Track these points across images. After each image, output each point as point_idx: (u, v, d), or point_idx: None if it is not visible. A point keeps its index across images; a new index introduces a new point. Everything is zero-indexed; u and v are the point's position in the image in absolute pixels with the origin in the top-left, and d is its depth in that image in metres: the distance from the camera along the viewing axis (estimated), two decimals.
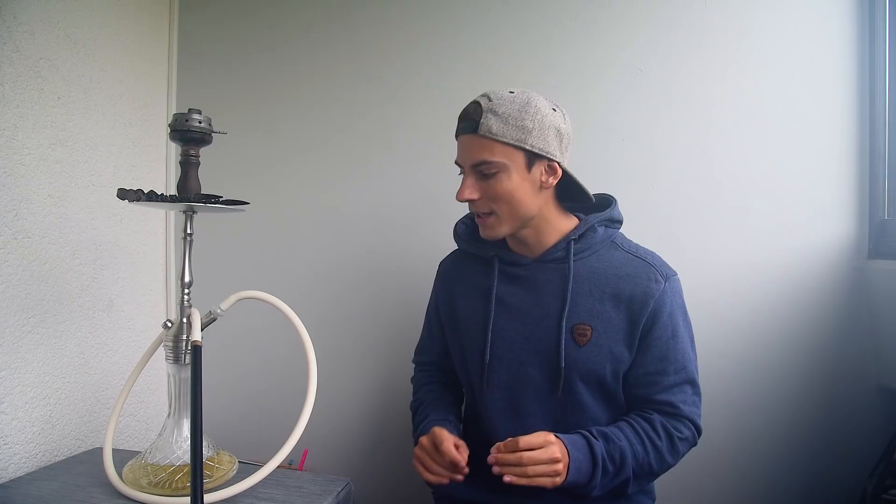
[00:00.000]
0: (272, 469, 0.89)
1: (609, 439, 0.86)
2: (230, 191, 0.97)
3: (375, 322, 1.37)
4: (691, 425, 0.91)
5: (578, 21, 1.26)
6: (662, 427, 0.88)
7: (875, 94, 1.14)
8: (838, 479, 1.15)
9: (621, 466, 0.85)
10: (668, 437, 0.88)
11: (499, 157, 0.85)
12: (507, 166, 0.86)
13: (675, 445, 0.88)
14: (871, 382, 1.14)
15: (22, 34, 1.04)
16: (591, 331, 0.89)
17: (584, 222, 0.93)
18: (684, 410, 0.90)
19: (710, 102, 1.20)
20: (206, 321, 0.91)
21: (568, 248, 0.92)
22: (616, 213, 0.96)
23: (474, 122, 0.85)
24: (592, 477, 0.83)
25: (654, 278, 0.89)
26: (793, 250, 1.17)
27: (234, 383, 1.45)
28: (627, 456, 0.85)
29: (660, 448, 0.87)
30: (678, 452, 0.89)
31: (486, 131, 0.84)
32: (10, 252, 1.02)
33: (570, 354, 0.90)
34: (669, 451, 0.88)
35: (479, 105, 0.86)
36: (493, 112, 0.84)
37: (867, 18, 1.14)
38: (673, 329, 0.90)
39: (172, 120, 0.88)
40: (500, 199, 0.87)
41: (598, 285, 0.90)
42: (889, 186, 1.13)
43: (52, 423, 1.09)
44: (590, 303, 0.90)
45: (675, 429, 0.89)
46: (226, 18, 1.45)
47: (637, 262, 0.91)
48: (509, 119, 0.84)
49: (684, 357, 0.91)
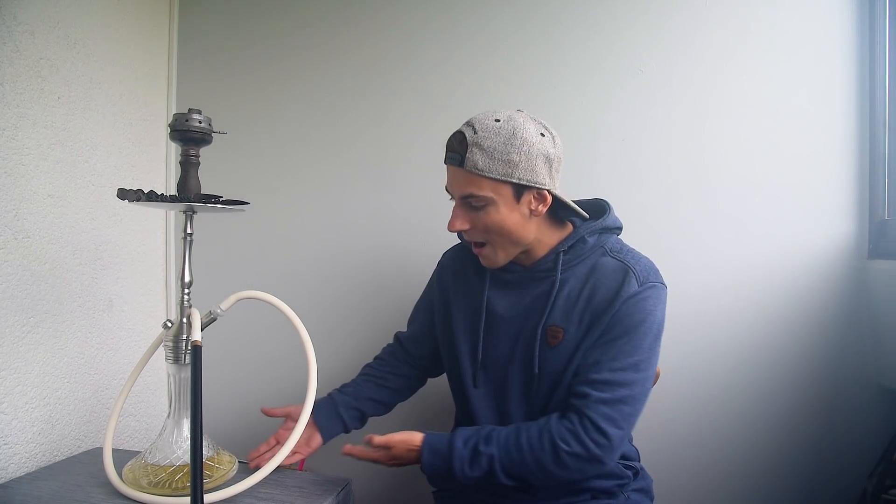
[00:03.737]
0: (272, 469, 0.89)
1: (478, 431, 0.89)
2: (230, 191, 0.97)
3: (375, 322, 1.37)
4: (594, 430, 0.82)
5: (578, 20, 1.26)
6: (547, 434, 0.84)
7: (875, 94, 1.14)
8: (838, 479, 1.15)
9: (486, 440, 0.86)
10: (552, 445, 0.83)
11: (486, 191, 0.84)
12: (494, 200, 0.85)
13: (559, 455, 0.82)
14: (871, 382, 1.14)
15: (22, 34, 1.04)
16: (562, 333, 0.90)
17: (574, 233, 0.93)
18: (592, 409, 0.82)
19: (710, 102, 1.20)
20: (206, 321, 0.91)
21: (556, 260, 0.92)
22: (610, 220, 0.94)
23: (459, 155, 0.84)
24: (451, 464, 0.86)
25: (628, 281, 0.87)
26: (793, 250, 1.17)
27: (234, 383, 1.45)
28: (492, 440, 0.86)
29: (535, 448, 0.84)
30: (563, 463, 0.82)
31: (471, 167, 0.83)
32: (10, 252, 1.02)
33: (543, 355, 0.91)
34: (553, 459, 0.83)
35: (464, 137, 0.84)
36: (479, 146, 0.83)
37: (867, 18, 1.14)
38: (627, 328, 0.85)
39: (172, 120, 0.88)
40: (490, 230, 0.88)
41: (578, 289, 0.91)
42: (889, 186, 1.13)
43: (52, 423, 1.09)
44: (568, 306, 0.90)
45: (563, 440, 0.82)
46: (226, 18, 1.45)
47: (617, 265, 0.90)
48: (495, 154, 0.82)
49: (627, 360, 0.84)
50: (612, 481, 0.94)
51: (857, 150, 1.15)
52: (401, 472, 1.35)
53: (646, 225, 1.19)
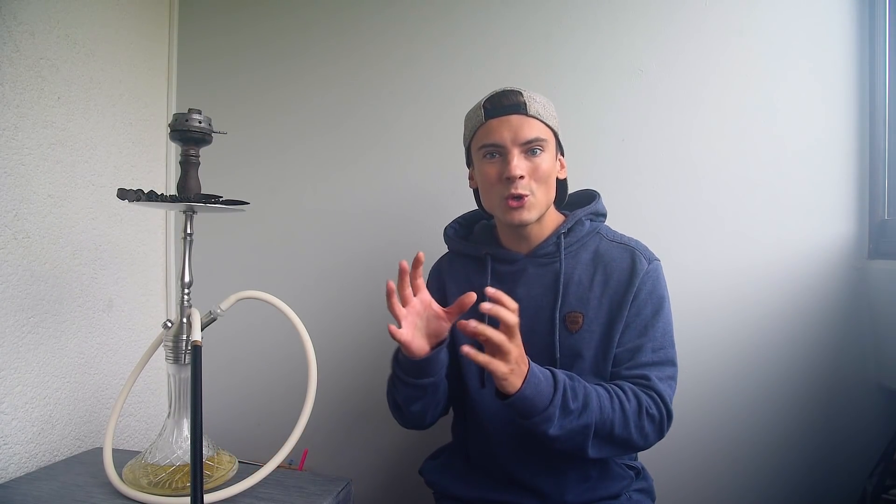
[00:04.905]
0: (272, 469, 0.89)
1: (574, 378, 0.82)
2: (230, 191, 0.97)
3: (375, 321, 1.37)
4: (661, 404, 0.85)
5: (578, 20, 1.26)
6: (633, 393, 0.84)
7: (875, 94, 1.13)
8: (838, 478, 1.15)
9: (584, 408, 0.79)
10: (638, 403, 0.83)
11: (545, 135, 0.92)
12: (550, 145, 0.92)
13: (642, 419, 0.83)
14: (871, 382, 1.14)
15: (22, 34, 1.04)
16: (582, 317, 0.91)
17: (572, 216, 0.96)
18: (657, 385, 0.86)
19: (710, 102, 1.20)
20: (206, 321, 0.91)
21: (558, 243, 0.94)
22: (600, 206, 1.00)
23: (521, 104, 0.90)
24: (551, 403, 0.77)
25: (638, 259, 0.92)
26: (793, 250, 1.17)
27: (234, 383, 1.45)
28: (592, 399, 0.80)
29: (626, 411, 0.82)
30: (643, 430, 0.83)
31: (535, 112, 0.91)
32: (10, 252, 1.02)
33: (564, 342, 0.91)
34: (636, 421, 0.82)
35: (519, 92, 0.91)
36: (534, 98, 0.92)
37: (867, 18, 1.14)
38: (654, 308, 0.91)
39: (172, 120, 0.88)
40: (541, 178, 0.91)
41: (588, 274, 0.93)
42: (889, 186, 1.13)
43: (52, 423, 1.09)
44: (580, 291, 0.92)
45: (646, 401, 0.84)
46: (226, 18, 1.45)
47: (621, 248, 0.95)
48: (546, 106, 0.93)
49: (663, 338, 0.90)
50: (617, 484, 0.94)
51: (857, 150, 1.15)
52: (401, 472, 1.35)
53: (645, 224, 1.18)
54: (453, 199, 1.20)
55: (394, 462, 1.37)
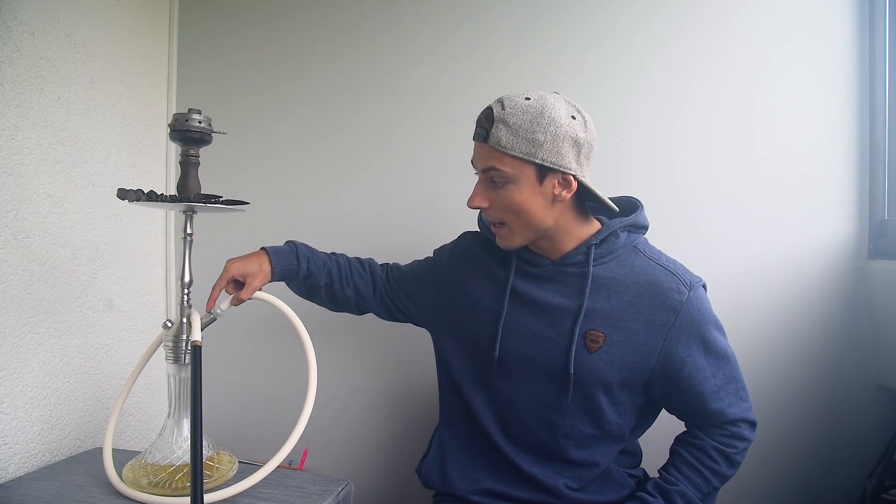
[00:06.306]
0: (272, 469, 0.89)
1: (665, 492, 0.88)
2: (230, 191, 0.97)
3: (375, 321, 1.37)
4: (743, 425, 0.91)
5: (579, 21, 1.26)
6: (715, 450, 0.89)
7: (875, 93, 1.14)
8: (838, 478, 1.15)
9: None
10: (724, 456, 0.89)
11: (508, 168, 0.82)
12: (516, 178, 0.82)
13: (732, 460, 0.90)
14: (871, 382, 1.14)
15: (22, 34, 1.04)
16: (603, 338, 0.87)
17: (607, 227, 0.89)
18: (731, 414, 0.89)
19: (710, 102, 1.20)
20: (206, 321, 0.92)
21: (588, 253, 0.88)
22: (641, 218, 0.92)
23: (485, 130, 0.83)
24: None
25: (676, 288, 0.86)
26: (793, 250, 1.17)
27: (234, 383, 1.45)
28: (690, 495, 0.87)
29: (718, 471, 0.89)
30: (736, 463, 0.91)
31: (494, 143, 0.82)
32: (10, 252, 1.02)
33: (580, 359, 0.87)
34: (727, 467, 0.90)
35: (491, 113, 0.83)
36: (504, 122, 0.81)
37: (867, 18, 1.14)
38: (702, 339, 0.88)
39: (172, 120, 0.88)
40: (509, 210, 0.84)
41: (617, 292, 0.87)
42: (889, 186, 1.13)
43: (52, 423, 1.09)
44: (606, 309, 0.87)
45: (729, 445, 0.89)
46: (226, 18, 1.45)
47: (659, 270, 0.88)
48: (519, 131, 0.80)
49: (718, 362, 0.89)
50: (618, 493, 0.94)
51: (857, 150, 1.15)
52: (401, 472, 1.35)
53: None
54: (453, 199, 1.20)
55: (394, 462, 1.37)
